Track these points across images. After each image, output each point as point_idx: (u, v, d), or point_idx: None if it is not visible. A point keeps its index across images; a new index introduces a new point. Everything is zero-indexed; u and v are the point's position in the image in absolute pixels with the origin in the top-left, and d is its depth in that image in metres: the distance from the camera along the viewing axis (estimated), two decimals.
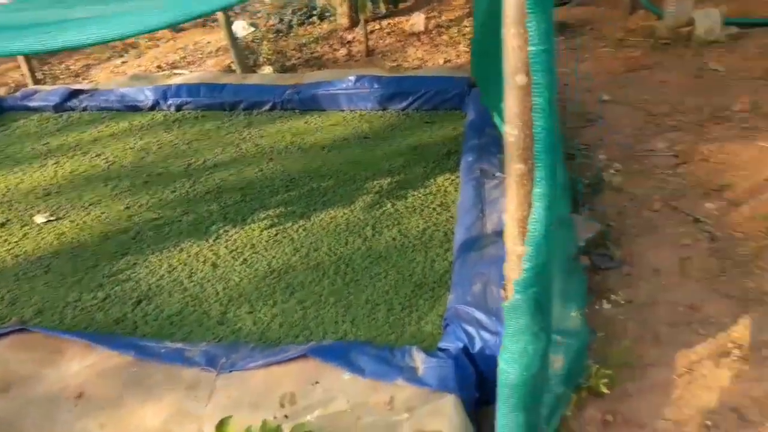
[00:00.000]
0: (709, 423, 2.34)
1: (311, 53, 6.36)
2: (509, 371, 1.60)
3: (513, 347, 1.57)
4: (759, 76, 4.50)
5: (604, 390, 2.37)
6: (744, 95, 4.24)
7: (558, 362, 2.33)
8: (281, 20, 7.02)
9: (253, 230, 3.46)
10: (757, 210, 3.20)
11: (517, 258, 1.47)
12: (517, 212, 1.41)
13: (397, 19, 6.82)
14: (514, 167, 1.35)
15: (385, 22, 6.81)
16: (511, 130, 1.31)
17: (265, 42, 6.39)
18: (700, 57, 4.93)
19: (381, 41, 6.45)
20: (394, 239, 3.26)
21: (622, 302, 2.84)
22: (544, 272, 1.48)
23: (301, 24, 6.96)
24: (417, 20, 6.55)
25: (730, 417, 2.36)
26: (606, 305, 2.80)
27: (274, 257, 3.21)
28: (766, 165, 3.48)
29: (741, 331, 2.65)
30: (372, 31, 6.59)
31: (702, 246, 3.08)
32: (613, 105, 4.45)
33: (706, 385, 2.48)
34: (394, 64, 5.91)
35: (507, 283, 1.57)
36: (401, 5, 6.96)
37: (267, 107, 4.91)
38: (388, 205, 3.56)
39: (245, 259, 3.22)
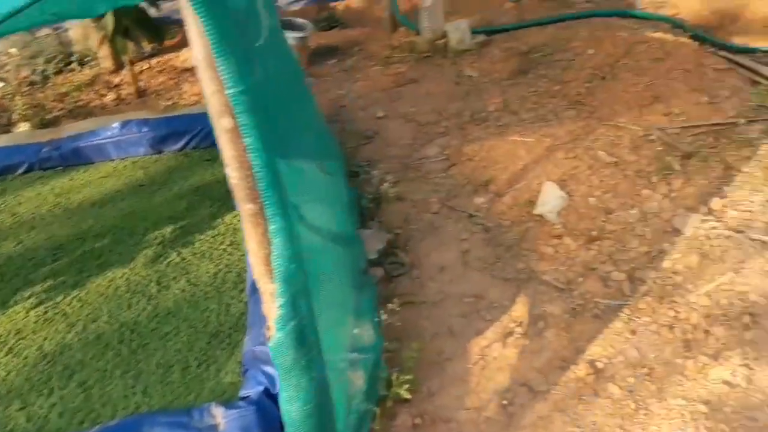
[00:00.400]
0: (505, 402, 2.53)
1: (75, 102, 5.81)
2: (290, 409, 1.56)
3: (287, 384, 1.53)
4: (506, 77, 5.03)
5: (407, 395, 2.44)
6: (495, 96, 4.71)
7: (359, 380, 2.35)
8: (34, 71, 6.34)
9: (18, 313, 3.04)
10: (517, 198, 3.56)
11: (270, 296, 1.44)
12: (260, 251, 1.38)
13: (166, 56, 6.52)
14: (245, 208, 1.32)
15: (154, 61, 6.47)
16: (232, 173, 1.27)
17: (18, 96, 5.70)
18: (457, 65, 5.38)
19: (153, 80, 6.12)
20: (183, 291, 3.07)
21: (415, 304, 2.97)
22: (302, 303, 1.46)
23: (59, 72, 6.33)
24: (189, 55, 6.34)
25: (522, 391, 2.57)
26: (399, 310, 2.89)
27: (45, 339, 2.85)
28: (519, 156, 3.89)
29: (519, 309, 2.92)
30: (141, 71, 6.23)
31: (478, 238, 3.35)
32: (387, 120, 4.67)
33: (498, 367, 2.68)
34: (170, 102, 5.64)
35: (268, 323, 1.53)
36: (167, 42, 6.66)
37: (22, 170, 4.35)
38: (174, 255, 3.34)
39: (11, 349, 2.82)
